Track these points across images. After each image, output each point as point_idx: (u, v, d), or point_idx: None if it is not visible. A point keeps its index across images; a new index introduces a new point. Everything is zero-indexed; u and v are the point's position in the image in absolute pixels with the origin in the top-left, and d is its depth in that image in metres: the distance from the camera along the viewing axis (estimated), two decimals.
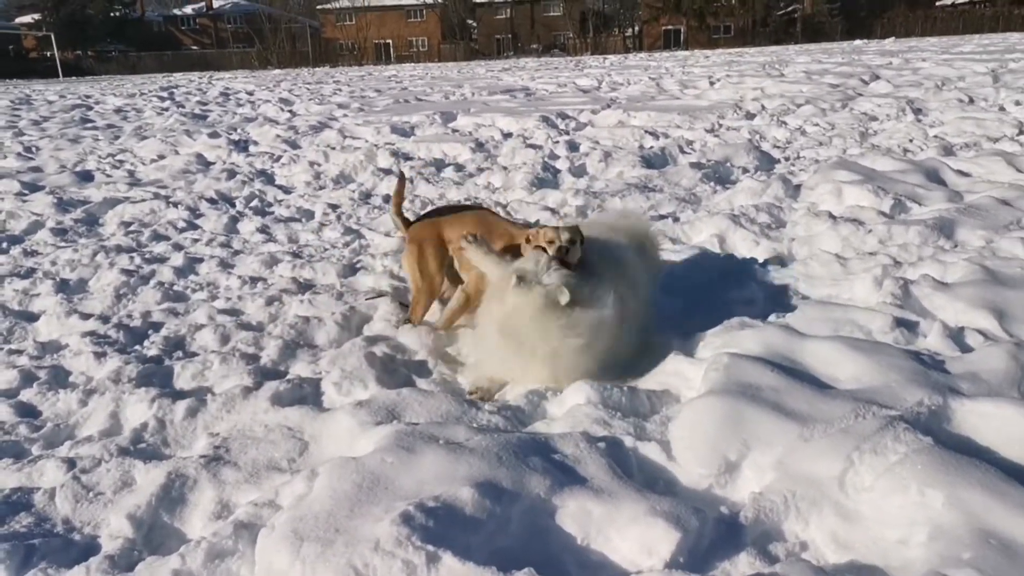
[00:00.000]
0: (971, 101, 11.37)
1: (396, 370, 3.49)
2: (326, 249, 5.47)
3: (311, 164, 8.53)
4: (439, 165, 8.39)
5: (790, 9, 68.84)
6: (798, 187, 6.38)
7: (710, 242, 5.09)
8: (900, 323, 3.52)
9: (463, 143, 9.29)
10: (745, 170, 7.51)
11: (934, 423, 2.66)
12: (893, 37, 48.35)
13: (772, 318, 3.69)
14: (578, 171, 7.81)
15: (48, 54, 60.06)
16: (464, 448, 2.53)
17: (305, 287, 4.61)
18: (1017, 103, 10.87)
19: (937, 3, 71.11)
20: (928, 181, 6.17)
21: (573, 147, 9.06)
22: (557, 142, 9.37)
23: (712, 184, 6.88)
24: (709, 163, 7.61)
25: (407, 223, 3.95)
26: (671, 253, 4.78)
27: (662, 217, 5.84)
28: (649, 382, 3.18)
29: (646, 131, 9.73)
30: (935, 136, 8.74)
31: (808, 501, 2.39)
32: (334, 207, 6.71)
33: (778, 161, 8.04)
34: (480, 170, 8.01)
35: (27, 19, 76.20)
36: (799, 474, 2.47)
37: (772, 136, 9.47)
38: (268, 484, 2.65)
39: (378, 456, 2.49)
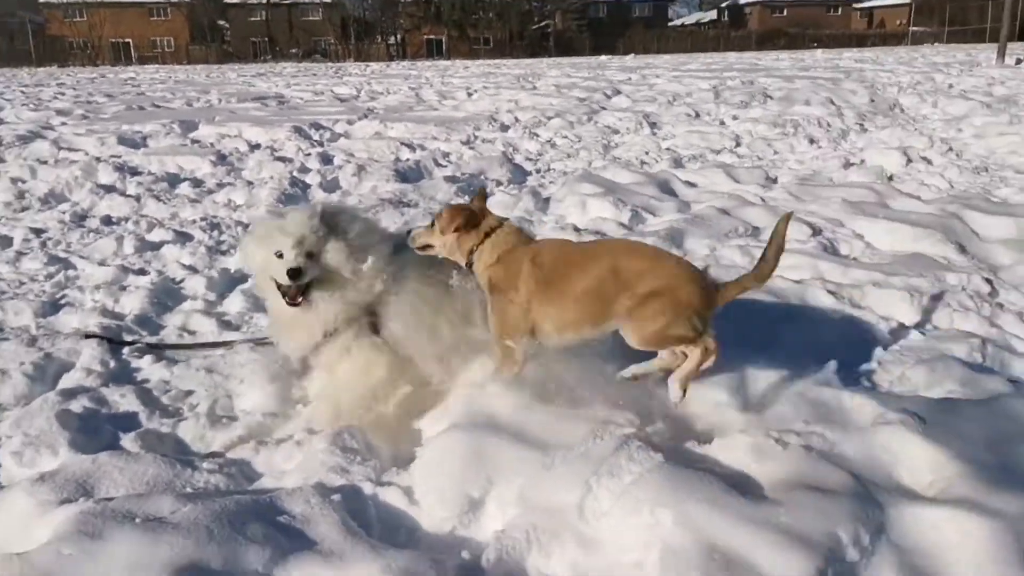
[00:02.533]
0: (697, 115, 12.55)
1: (99, 428, 2.98)
2: (22, 283, 4.65)
3: (13, 181, 7.35)
4: (173, 180, 7.60)
5: (543, 24, 72.85)
6: (547, 200, 6.55)
7: None
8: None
9: (203, 156, 8.53)
10: (499, 183, 7.61)
11: (664, 438, 2.71)
12: (633, 54, 52.82)
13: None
14: (330, 186, 7.46)
15: None
16: (167, 525, 2.16)
17: None
18: (734, 117, 12.17)
19: (669, 23, 78.99)
20: (661, 192, 6.61)
21: (326, 160, 8.68)
22: (309, 154, 8.93)
23: (467, 198, 6.87)
24: (464, 176, 7.62)
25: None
26: None
27: None
28: (392, 419, 2.98)
29: (402, 143, 9.58)
30: (667, 148, 9.48)
31: (549, 533, 2.32)
32: (38, 232, 5.77)
33: (530, 173, 8.25)
34: (220, 185, 7.37)
35: None
36: (541, 505, 2.40)
37: (525, 148, 9.75)
38: None
39: (53, 548, 2.05)
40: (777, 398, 2.96)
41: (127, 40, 67.78)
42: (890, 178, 7.35)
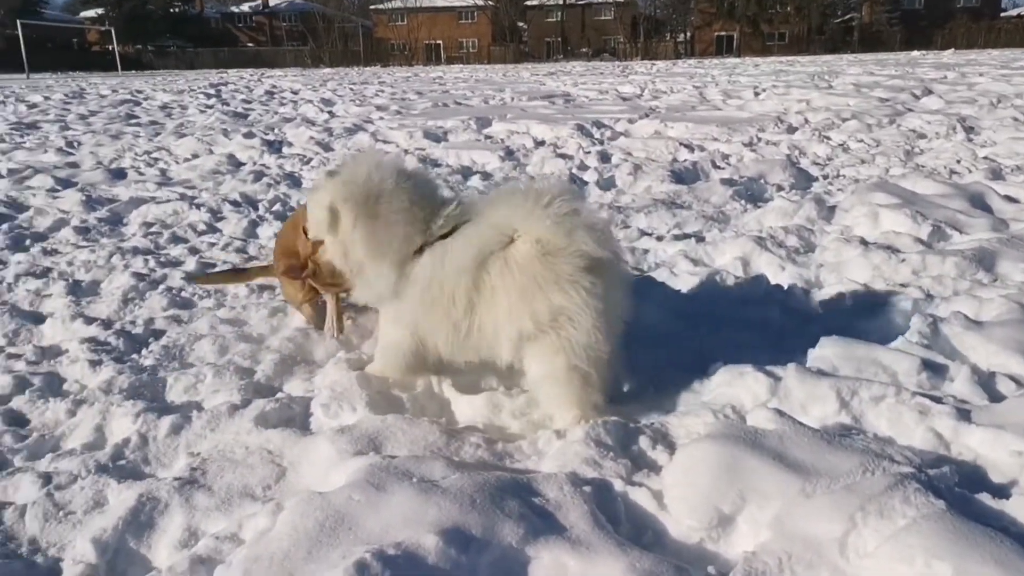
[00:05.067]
0: None
1: (389, 392, 3.36)
2: None
3: None
4: (466, 172, 8.29)
5: (847, 17, 67.56)
6: (833, 208, 6.11)
7: (733, 265, 4.88)
8: (927, 365, 3.28)
9: (493, 151, 9.18)
10: (780, 188, 7.25)
11: (950, 484, 2.44)
12: (953, 49, 47.00)
13: (789, 355, 3.48)
14: (606, 184, 7.63)
15: (109, 48, 61.87)
16: (437, 488, 2.40)
17: None
18: None
19: (1002, 14, 68.98)
20: (972, 207, 5.86)
21: (604, 158, 8.88)
22: (589, 152, 9.20)
23: (743, 202, 6.64)
24: (742, 180, 7.36)
25: None
26: (690, 277, 4.60)
27: (686, 236, 5.63)
28: (647, 421, 3.01)
29: (681, 143, 9.49)
30: (985, 157, 8.35)
31: (804, 564, 2.20)
32: None
33: (816, 179, 7.75)
34: (506, 179, 7.89)
35: (91, 13, 78.81)
36: (797, 533, 2.28)
37: (812, 152, 9.16)
38: (238, 513, 2.55)
39: (346, 493, 2.37)
40: None
41: (438, 42, 74.68)
42: None
